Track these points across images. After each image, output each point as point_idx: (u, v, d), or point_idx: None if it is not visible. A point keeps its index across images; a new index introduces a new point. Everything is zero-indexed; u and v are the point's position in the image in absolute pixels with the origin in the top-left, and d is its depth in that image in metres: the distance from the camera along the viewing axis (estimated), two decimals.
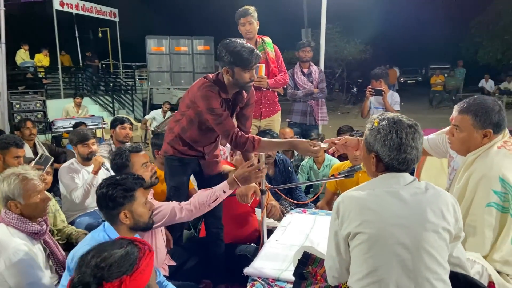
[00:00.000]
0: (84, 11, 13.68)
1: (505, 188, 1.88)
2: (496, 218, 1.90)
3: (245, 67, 2.41)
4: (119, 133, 4.33)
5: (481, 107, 1.99)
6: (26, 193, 2.22)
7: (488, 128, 1.98)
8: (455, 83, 16.91)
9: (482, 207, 1.91)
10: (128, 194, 2.02)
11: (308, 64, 5.13)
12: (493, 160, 1.94)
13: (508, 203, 1.88)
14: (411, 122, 1.59)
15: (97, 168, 3.54)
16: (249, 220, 3.06)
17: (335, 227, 1.58)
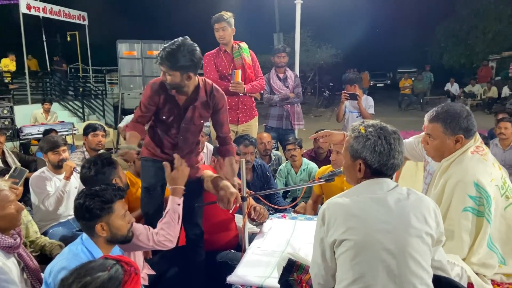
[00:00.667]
0: (52, 15, 13.29)
1: (480, 193, 1.93)
2: (472, 222, 1.95)
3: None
4: (91, 140, 4.22)
5: (449, 114, 2.06)
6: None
7: (459, 134, 2.04)
8: (423, 86, 17.42)
9: (459, 212, 1.96)
10: (106, 206, 1.97)
11: (283, 69, 5.17)
12: (467, 166, 2.00)
13: (483, 207, 1.93)
14: (393, 128, 1.64)
15: (69, 173, 3.45)
16: (229, 226, 3.03)
17: (320, 234, 1.58)
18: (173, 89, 2.54)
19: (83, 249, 1.95)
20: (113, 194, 2.02)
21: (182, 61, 2.37)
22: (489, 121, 8.69)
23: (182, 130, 2.71)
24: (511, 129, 4.86)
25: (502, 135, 4.90)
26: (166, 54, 2.38)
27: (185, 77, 2.45)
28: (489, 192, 1.94)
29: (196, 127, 2.74)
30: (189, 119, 2.67)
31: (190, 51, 2.39)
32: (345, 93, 4.89)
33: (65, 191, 3.41)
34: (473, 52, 21.03)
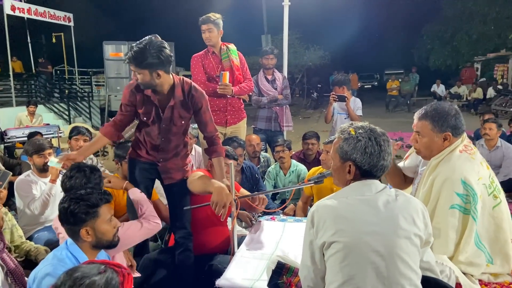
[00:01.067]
0: (37, 16, 13.10)
1: (467, 190, 1.96)
2: (459, 219, 1.97)
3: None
4: (73, 145, 4.15)
5: (437, 112, 2.09)
6: None
7: (447, 131, 2.07)
8: (410, 88, 17.59)
9: (446, 209, 1.98)
10: (92, 210, 1.93)
11: (271, 71, 5.16)
12: (455, 164, 2.02)
13: (470, 204, 1.96)
14: (382, 130, 1.65)
15: (55, 176, 3.36)
16: (220, 229, 3.00)
17: (310, 237, 1.58)
18: (146, 88, 2.55)
19: (67, 254, 1.91)
20: (99, 198, 1.98)
21: (149, 59, 2.38)
22: (474, 122, 8.81)
23: (163, 131, 2.70)
24: (495, 130, 4.92)
25: (487, 135, 4.96)
26: (134, 53, 2.39)
27: (154, 75, 2.45)
28: (476, 190, 1.96)
29: (178, 128, 2.73)
30: (168, 120, 2.66)
31: (157, 49, 2.39)
32: (334, 95, 4.90)
33: (51, 194, 3.36)
34: (459, 54, 21.32)
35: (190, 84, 2.67)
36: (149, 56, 2.37)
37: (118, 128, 2.77)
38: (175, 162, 2.81)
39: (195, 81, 4.14)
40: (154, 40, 2.43)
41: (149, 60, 2.38)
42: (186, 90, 2.64)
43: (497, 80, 16.75)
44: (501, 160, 4.93)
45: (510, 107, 13.47)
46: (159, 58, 2.40)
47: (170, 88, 2.60)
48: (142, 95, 2.60)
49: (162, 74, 2.47)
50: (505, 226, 2.04)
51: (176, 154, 2.81)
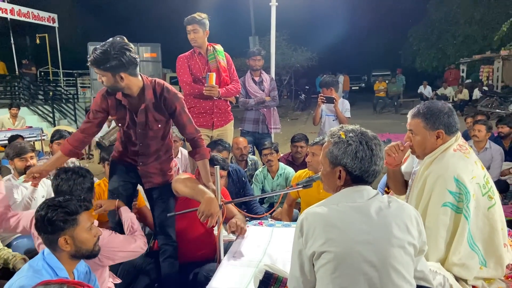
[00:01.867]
0: (20, 16, 12.88)
1: (460, 189, 1.93)
2: (451, 218, 1.94)
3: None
4: (55, 149, 4.03)
5: (430, 110, 2.09)
6: None
7: (440, 129, 2.06)
8: (397, 89, 17.71)
9: (438, 207, 1.95)
10: (70, 217, 1.84)
11: (259, 72, 5.09)
12: (448, 162, 2.00)
13: (462, 203, 1.92)
14: (373, 134, 1.59)
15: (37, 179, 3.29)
16: (206, 236, 2.91)
17: (299, 246, 1.50)
18: (113, 91, 2.49)
19: (44, 265, 1.81)
20: (78, 205, 1.89)
21: (111, 62, 2.30)
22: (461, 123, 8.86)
23: (139, 136, 2.64)
24: (484, 132, 4.91)
25: (476, 137, 4.95)
26: (95, 55, 2.31)
27: (117, 78, 2.37)
28: (468, 189, 1.92)
29: (155, 132, 2.66)
30: (143, 124, 2.59)
31: (119, 50, 2.31)
32: (322, 97, 4.85)
33: (33, 198, 3.29)
34: (445, 56, 21.55)
35: (162, 86, 2.58)
36: (110, 58, 2.29)
37: (82, 139, 2.67)
38: (156, 166, 2.74)
39: (181, 83, 4.08)
40: (117, 41, 2.34)
41: (110, 62, 2.30)
42: (158, 92, 2.55)
43: (483, 81, 16.94)
44: (490, 161, 4.92)
45: (495, 108, 13.62)
46: (121, 60, 2.31)
47: (140, 90, 2.51)
48: (114, 100, 2.53)
49: (126, 77, 2.38)
50: (500, 228, 2.01)
51: (157, 158, 2.74)
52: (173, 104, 2.58)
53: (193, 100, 4.07)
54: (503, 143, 5.43)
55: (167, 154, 2.80)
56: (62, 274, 1.82)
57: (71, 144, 2.65)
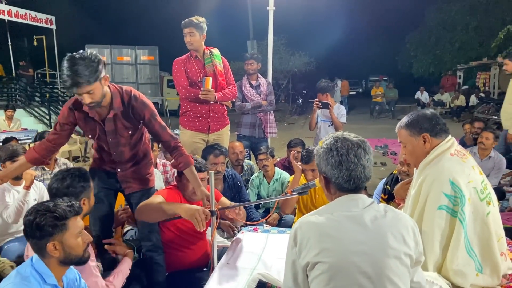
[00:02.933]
0: (18, 18, 12.85)
1: (455, 192, 1.91)
2: (446, 221, 1.92)
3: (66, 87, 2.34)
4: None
5: (411, 118, 2.14)
6: None
7: (423, 133, 2.07)
8: (394, 94, 17.75)
9: (434, 210, 1.93)
10: (59, 222, 1.79)
11: (255, 76, 5.07)
12: (444, 165, 1.99)
13: (458, 207, 1.90)
14: (357, 139, 1.55)
15: (29, 182, 3.23)
16: (199, 243, 2.87)
17: (292, 256, 1.47)
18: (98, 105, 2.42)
19: (32, 272, 1.76)
20: (68, 209, 1.84)
21: (98, 70, 2.29)
22: (458, 129, 8.85)
23: (112, 145, 2.62)
24: (492, 140, 4.85)
25: (482, 144, 4.89)
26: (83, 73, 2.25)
27: (103, 83, 2.37)
28: (464, 192, 1.90)
29: (126, 139, 2.62)
30: (113, 133, 2.56)
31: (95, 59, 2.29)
32: (317, 102, 4.83)
33: (25, 202, 3.22)
34: (442, 62, 21.62)
35: (130, 94, 2.54)
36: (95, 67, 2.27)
37: (50, 148, 2.62)
38: (135, 171, 2.72)
39: (177, 86, 4.05)
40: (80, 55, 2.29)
41: (98, 70, 2.28)
42: (126, 100, 2.52)
43: (480, 88, 17.01)
44: (490, 170, 4.88)
45: (492, 114, 13.65)
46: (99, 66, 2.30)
47: (109, 99, 2.48)
48: (81, 112, 2.50)
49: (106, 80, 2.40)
50: (498, 235, 2.00)
51: (136, 164, 2.73)
52: (141, 112, 2.54)
53: (189, 104, 4.04)
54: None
55: (145, 159, 2.78)
56: (50, 281, 1.78)
57: (38, 152, 2.59)
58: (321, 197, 3.33)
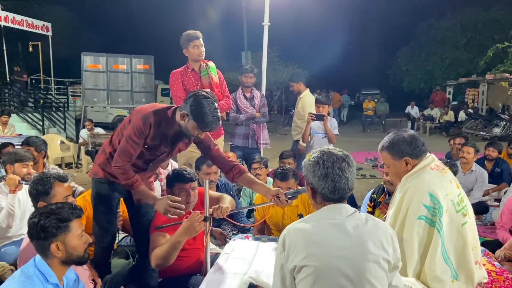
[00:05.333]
0: (14, 24, 12.90)
1: (434, 203, 2.04)
2: (425, 230, 2.05)
3: (200, 128, 2.42)
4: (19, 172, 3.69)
5: (392, 142, 2.25)
6: None
7: (405, 157, 2.21)
8: (385, 108, 18.01)
9: (414, 220, 2.06)
10: (63, 224, 1.91)
11: (250, 89, 5.22)
12: (424, 178, 2.13)
13: (436, 217, 2.03)
14: (341, 154, 1.69)
15: (14, 186, 3.31)
16: (192, 250, 2.94)
17: (281, 260, 1.59)
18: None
19: (35, 271, 1.87)
20: (70, 212, 1.96)
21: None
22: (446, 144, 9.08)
23: (159, 161, 2.72)
24: (473, 154, 5.02)
25: (464, 159, 5.04)
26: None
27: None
28: (442, 204, 2.04)
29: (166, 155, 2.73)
30: (170, 150, 2.67)
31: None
32: (311, 114, 4.97)
33: (14, 205, 3.28)
34: (432, 77, 22.02)
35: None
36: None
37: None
38: (146, 182, 2.80)
39: (174, 97, 4.18)
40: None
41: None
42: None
43: (468, 104, 17.34)
44: (473, 184, 5.03)
45: (480, 130, 13.94)
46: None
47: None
48: (158, 129, 2.50)
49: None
50: (473, 245, 2.12)
51: (149, 175, 2.83)
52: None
53: None
54: (486, 165, 5.57)
55: (151, 169, 2.85)
56: (52, 280, 1.88)
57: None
58: (289, 217, 3.43)
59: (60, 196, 2.53)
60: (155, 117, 2.45)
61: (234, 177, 2.77)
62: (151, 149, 2.58)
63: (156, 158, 2.70)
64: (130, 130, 2.45)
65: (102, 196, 2.73)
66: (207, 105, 2.36)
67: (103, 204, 2.73)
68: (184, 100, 2.44)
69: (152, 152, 2.61)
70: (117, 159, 2.48)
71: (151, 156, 2.64)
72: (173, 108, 2.55)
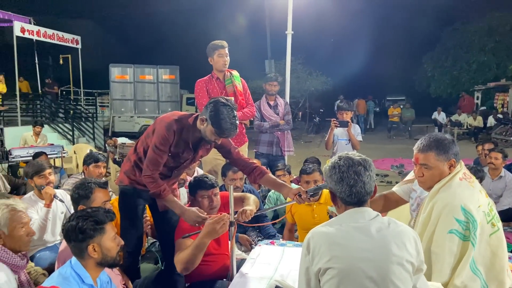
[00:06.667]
0: (45, 38, 13.39)
1: (467, 218, 2.00)
2: (458, 245, 2.00)
3: (217, 133, 2.48)
4: (92, 171, 4.13)
5: (439, 141, 2.16)
6: (11, 224, 2.23)
7: (452, 158, 2.14)
8: (411, 114, 17.75)
9: (445, 234, 2.02)
10: (99, 226, 2.01)
11: (274, 97, 5.28)
12: (456, 191, 2.08)
13: (469, 231, 1.99)
14: (359, 158, 1.73)
15: (49, 200, 3.39)
16: (218, 255, 2.97)
17: (306, 263, 1.63)
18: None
19: (72, 273, 1.96)
20: (105, 215, 2.06)
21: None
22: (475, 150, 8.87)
23: (182, 168, 2.80)
24: (501, 160, 4.92)
25: (492, 165, 4.95)
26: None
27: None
28: (475, 217, 1.99)
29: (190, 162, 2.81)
30: (194, 157, 2.74)
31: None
32: (335, 121, 4.98)
33: (48, 219, 3.38)
34: (459, 82, 21.58)
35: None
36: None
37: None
38: (170, 189, 2.87)
39: (199, 106, 4.28)
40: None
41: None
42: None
43: (497, 109, 16.90)
44: (503, 190, 4.92)
45: (510, 136, 13.56)
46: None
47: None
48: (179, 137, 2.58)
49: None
50: (501, 254, 2.08)
51: (173, 181, 2.90)
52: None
53: None
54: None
55: (175, 175, 2.92)
56: (88, 281, 1.97)
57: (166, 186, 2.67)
58: (319, 216, 3.48)
59: (99, 201, 2.64)
60: (177, 124, 2.53)
61: (255, 178, 2.82)
62: (175, 157, 2.65)
63: (180, 165, 2.78)
64: (155, 139, 2.53)
65: (128, 203, 2.82)
66: (226, 112, 2.43)
67: (129, 210, 2.82)
68: (205, 105, 2.53)
69: (176, 160, 2.69)
70: (146, 169, 2.56)
71: (175, 163, 2.72)
72: (194, 115, 2.63)
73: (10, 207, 2.26)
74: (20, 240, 2.26)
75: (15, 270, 2.24)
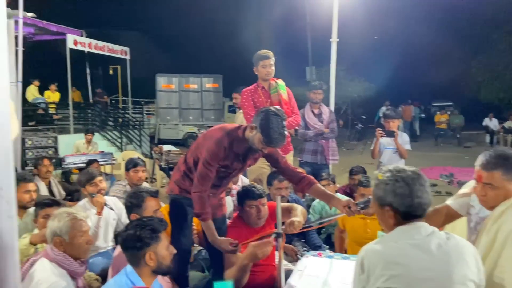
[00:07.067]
0: (96, 50, 14.03)
1: None
2: None
3: (265, 142, 2.49)
4: (132, 176, 4.30)
5: (506, 159, 1.97)
6: (72, 231, 2.32)
7: None
8: (459, 121, 17.07)
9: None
10: (155, 235, 2.07)
11: (318, 105, 5.25)
12: None
13: None
14: (413, 169, 1.68)
15: (100, 208, 3.52)
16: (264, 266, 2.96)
17: (361, 283, 1.59)
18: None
19: (127, 281, 2.03)
20: (160, 224, 2.13)
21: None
22: None
23: (231, 177, 2.84)
24: None
25: None
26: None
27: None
28: None
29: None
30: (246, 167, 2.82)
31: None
32: (380, 131, 4.86)
33: (100, 226, 3.51)
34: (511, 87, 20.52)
35: None
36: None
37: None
38: (219, 197, 2.91)
39: (245, 115, 4.33)
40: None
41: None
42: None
43: None
44: None
45: None
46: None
47: None
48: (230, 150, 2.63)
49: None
50: None
51: (221, 190, 2.94)
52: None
53: None
54: None
55: (224, 184, 2.95)
56: None
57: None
58: (372, 231, 3.40)
59: (151, 210, 2.73)
60: (228, 138, 2.58)
61: (304, 188, 2.81)
62: (225, 168, 2.70)
63: (229, 175, 2.82)
64: (205, 155, 2.57)
65: (179, 212, 2.86)
66: (275, 121, 2.45)
67: (179, 218, 2.87)
68: (256, 114, 2.55)
69: (226, 170, 2.74)
70: (197, 185, 2.60)
71: (224, 173, 2.76)
72: (243, 126, 2.67)
73: (71, 216, 2.36)
74: (80, 247, 2.35)
75: (74, 276, 2.33)
